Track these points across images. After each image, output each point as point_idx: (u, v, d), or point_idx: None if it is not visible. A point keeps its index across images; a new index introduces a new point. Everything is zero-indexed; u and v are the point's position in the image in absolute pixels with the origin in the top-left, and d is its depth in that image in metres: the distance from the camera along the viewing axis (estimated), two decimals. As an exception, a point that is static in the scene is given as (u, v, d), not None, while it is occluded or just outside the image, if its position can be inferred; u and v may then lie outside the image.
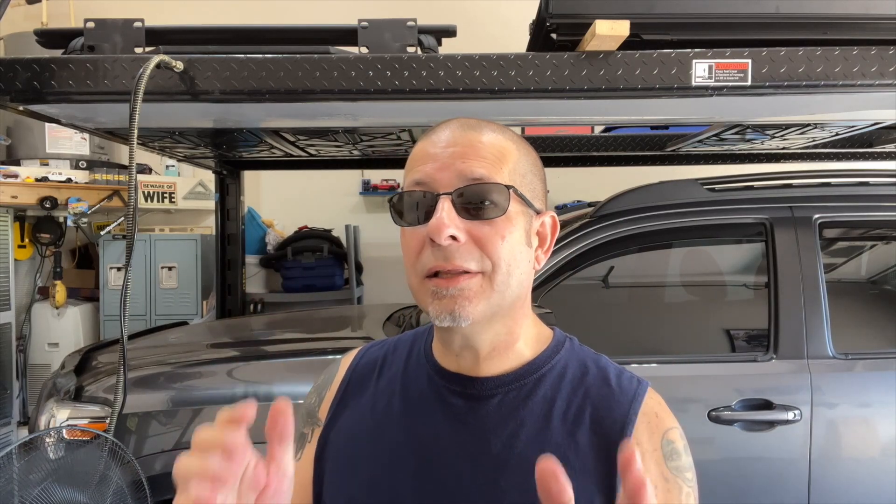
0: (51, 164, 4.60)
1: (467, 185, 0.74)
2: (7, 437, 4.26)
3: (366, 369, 0.91)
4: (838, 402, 2.05)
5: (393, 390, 0.86)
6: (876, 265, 2.47)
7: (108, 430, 1.90)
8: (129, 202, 1.82)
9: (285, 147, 3.14)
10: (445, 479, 0.78)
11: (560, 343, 0.85)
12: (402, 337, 0.94)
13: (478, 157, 0.76)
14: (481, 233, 0.74)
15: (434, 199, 0.75)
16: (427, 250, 0.75)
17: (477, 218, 0.74)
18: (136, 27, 1.93)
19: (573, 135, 3.53)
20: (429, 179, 0.76)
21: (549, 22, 1.81)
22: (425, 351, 0.87)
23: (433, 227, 0.73)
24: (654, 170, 3.89)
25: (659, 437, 0.77)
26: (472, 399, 0.80)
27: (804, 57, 1.82)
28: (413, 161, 0.79)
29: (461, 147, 0.76)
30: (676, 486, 0.75)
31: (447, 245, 0.73)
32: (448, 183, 0.75)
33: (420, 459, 0.79)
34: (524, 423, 0.77)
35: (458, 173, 0.75)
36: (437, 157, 0.76)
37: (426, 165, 0.76)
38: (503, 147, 0.78)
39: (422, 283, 0.76)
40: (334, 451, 0.86)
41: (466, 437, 0.79)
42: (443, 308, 0.74)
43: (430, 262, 0.74)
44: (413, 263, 0.77)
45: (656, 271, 2.47)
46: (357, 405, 0.88)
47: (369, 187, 5.26)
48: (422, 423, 0.81)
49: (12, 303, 4.34)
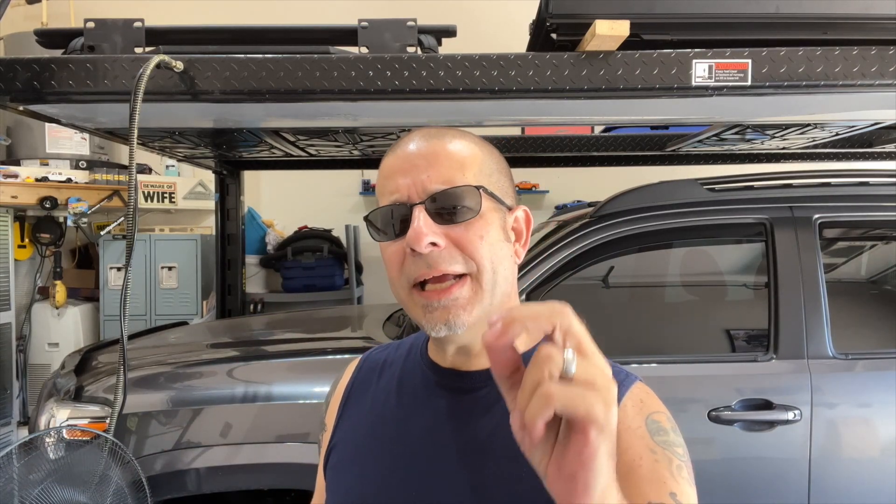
0: (51, 164, 4.60)
1: (438, 192, 0.76)
2: (7, 437, 4.26)
3: (369, 372, 0.94)
4: (838, 402, 2.05)
5: (390, 388, 0.89)
6: (876, 265, 2.47)
7: (108, 430, 1.90)
8: (129, 202, 1.82)
9: (285, 147, 3.14)
10: (434, 469, 0.80)
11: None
12: (405, 339, 0.97)
13: (445, 166, 0.77)
14: (459, 235, 0.76)
15: (408, 209, 0.76)
16: (409, 260, 0.76)
17: (452, 222, 0.76)
18: (136, 27, 1.93)
19: (573, 135, 3.53)
20: (400, 193, 0.77)
21: (549, 22, 1.81)
22: (421, 349, 0.89)
23: (412, 237, 0.74)
24: (654, 170, 3.89)
25: (643, 417, 0.77)
26: (460, 392, 0.82)
27: (804, 57, 1.82)
28: (383, 178, 0.80)
29: (427, 157, 0.78)
30: (665, 457, 0.73)
31: (428, 252, 0.74)
32: (419, 192, 0.76)
33: (411, 452, 0.82)
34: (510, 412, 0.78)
35: (427, 182, 0.76)
36: (405, 169, 0.78)
37: (396, 181, 0.78)
38: (467, 151, 0.80)
39: (410, 296, 0.78)
40: (339, 452, 0.89)
41: (454, 427, 0.81)
42: (436, 320, 0.75)
43: (415, 272, 0.76)
44: (397, 276, 0.78)
45: (656, 271, 2.47)
46: (359, 407, 0.91)
47: (369, 187, 5.27)
48: (413, 416, 0.84)
49: (12, 303, 4.34)
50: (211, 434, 2.07)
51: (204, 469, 2.05)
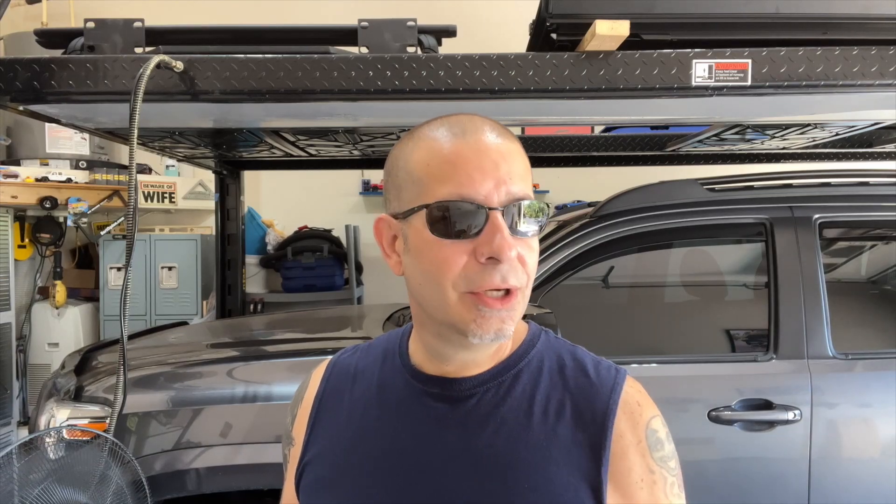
0: (51, 164, 4.60)
1: (519, 201, 0.73)
2: (7, 437, 4.26)
3: (339, 380, 0.88)
4: (838, 402, 2.05)
5: (369, 399, 0.84)
6: (876, 265, 2.47)
7: (108, 430, 1.90)
8: (129, 202, 1.82)
9: (285, 147, 3.14)
10: (430, 482, 0.76)
11: (535, 336, 0.84)
12: (372, 342, 0.92)
13: (522, 172, 0.75)
14: (525, 249, 0.74)
15: (485, 214, 0.71)
16: (476, 267, 0.71)
17: (522, 234, 0.74)
18: (136, 27, 1.93)
19: (573, 135, 3.53)
20: (477, 193, 0.71)
21: (549, 22, 1.81)
22: (400, 354, 0.85)
23: (500, 246, 0.70)
24: (654, 170, 3.90)
25: (643, 427, 0.77)
26: (450, 401, 0.79)
27: (804, 57, 1.82)
28: (450, 165, 0.72)
29: (506, 159, 0.73)
30: (662, 477, 0.75)
31: (508, 264, 0.72)
32: (499, 198, 0.72)
33: (403, 465, 0.78)
34: (505, 421, 0.77)
35: (505, 187, 0.72)
36: (483, 168, 0.72)
37: (472, 176, 0.72)
38: (524, 156, 0.78)
39: (462, 300, 0.72)
40: (315, 470, 0.84)
41: (448, 438, 0.78)
42: (490, 327, 0.73)
43: (485, 280, 0.71)
44: (452, 278, 0.72)
45: (656, 271, 2.47)
46: (333, 419, 0.85)
47: (369, 187, 5.27)
48: (402, 428, 0.80)
49: (12, 303, 4.34)
50: (211, 434, 2.07)
51: (204, 469, 2.05)
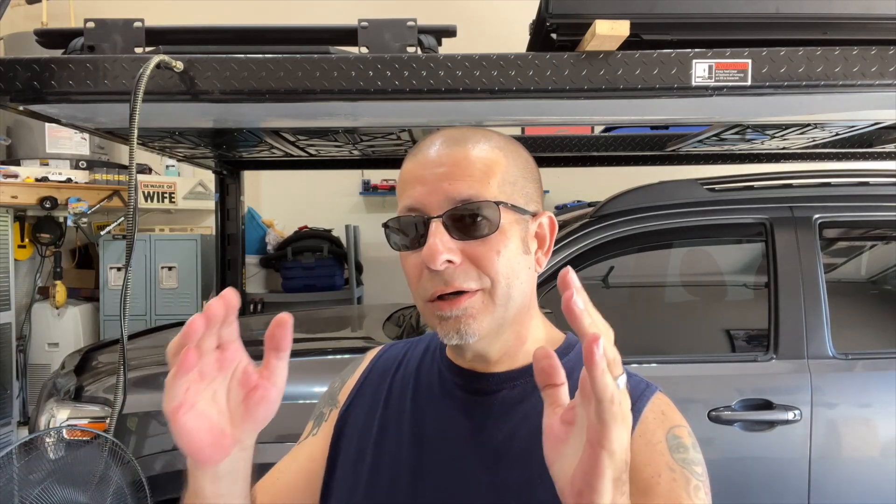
0: (51, 164, 4.60)
1: (456, 207, 0.74)
2: (7, 437, 4.26)
3: (385, 364, 0.93)
4: (838, 402, 2.05)
5: (405, 386, 0.88)
6: (876, 265, 2.47)
7: (108, 430, 1.90)
8: (129, 202, 1.82)
9: (285, 147, 3.14)
10: (446, 469, 0.79)
11: (570, 346, 0.86)
12: (422, 337, 0.97)
13: (465, 176, 0.75)
14: (476, 251, 0.75)
15: (425, 222, 0.75)
16: (425, 275, 0.76)
17: (470, 237, 0.75)
18: (136, 27, 1.93)
19: (573, 135, 3.53)
20: (419, 204, 0.76)
21: (549, 22, 1.81)
22: (440, 348, 0.89)
23: (427, 254, 0.73)
24: (654, 170, 3.89)
25: (664, 431, 0.76)
26: (477, 393, 0.82)
27: (804, 57, 1.82)
28: (403, 184, 0.79)
29: (448, 167, 0.76)
30: (683, 476, 0.73)
31: (444, 269, 0.74)
32: (438, 205, 0.75)
33: (426, 450, 0.81)
34: (528, 416, 0.78)
35: (446, 195, 0.75)
36: (425, 179, 0.76)
37: (415, 189, 0.77)
38: (490, 159, 0.77)
39: (426, 307, 0.78)
40: (347, 440, 0.88)
41: (469, 428, 0.80)
42: (449, 328, 0.76)
43: (431, 288, 0.75)
44: (415, 287, 0.78)
45: (656, 271, 2.47)
46: (372, 398, 0.90)
47: (369, 187, 5.27)
48: (428, 415, 0.84)
49: (12, 303, 4.34)
50: (211, 434, 2.07)
51: (204, 469, 2.05)
